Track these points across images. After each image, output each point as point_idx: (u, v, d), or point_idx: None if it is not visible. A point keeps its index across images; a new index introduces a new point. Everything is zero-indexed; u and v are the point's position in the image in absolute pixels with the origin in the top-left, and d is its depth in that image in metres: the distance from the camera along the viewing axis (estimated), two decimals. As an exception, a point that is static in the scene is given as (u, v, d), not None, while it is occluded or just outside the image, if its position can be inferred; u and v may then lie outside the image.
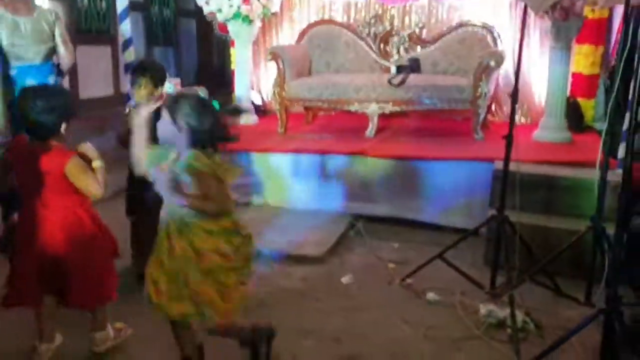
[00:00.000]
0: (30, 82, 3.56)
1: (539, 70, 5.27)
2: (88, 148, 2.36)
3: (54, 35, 3.86)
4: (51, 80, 3.86)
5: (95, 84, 6.13)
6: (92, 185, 2.32)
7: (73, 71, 6.03)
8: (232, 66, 6.04)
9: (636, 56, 2.20)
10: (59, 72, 4.04)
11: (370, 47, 5.66)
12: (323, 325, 2.85)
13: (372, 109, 4.89)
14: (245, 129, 5.38)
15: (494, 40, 5.24)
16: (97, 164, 2.34)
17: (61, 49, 3.91)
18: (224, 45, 6.31)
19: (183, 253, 2.13)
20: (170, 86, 4.72)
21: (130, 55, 4.75)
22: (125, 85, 4.90)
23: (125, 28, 4.73)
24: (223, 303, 2.17)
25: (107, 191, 2.38)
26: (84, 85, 5.92)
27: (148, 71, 3.12)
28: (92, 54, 6.04)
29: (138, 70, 3.14)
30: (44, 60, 3.85)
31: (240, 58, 5.70)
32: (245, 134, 4.01)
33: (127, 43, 4.74)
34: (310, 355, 2.60)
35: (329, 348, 2.67)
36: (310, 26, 5.83)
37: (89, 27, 6.27)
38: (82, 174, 2.31)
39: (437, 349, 2.66)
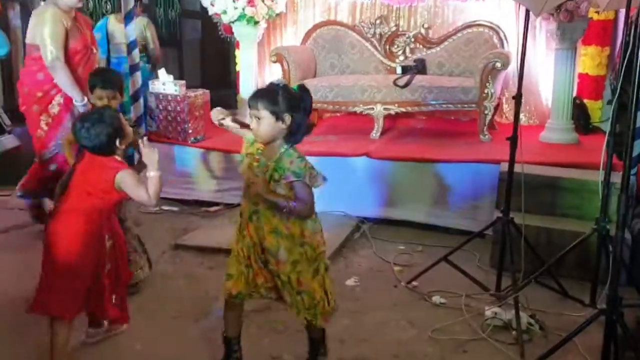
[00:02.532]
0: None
1: (545, 71, 5.25)
2: (149, 155, 2.38)
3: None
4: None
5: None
6: (142, 197, 2.35)
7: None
8: (237, 67, 6.05)
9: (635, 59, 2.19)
10: (149, 61, 5.90)
11: (376, 48, 5.66)
12: (328, 327, 2.81)
13: (378, 110, 4.89)
14: (249, 132, 5.39)
15: (501, 41, 5.22)
16: (150, 174, 2.37)
17: (150, 45, 5.92)
18: (228, 46, 6.31)
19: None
20: (177, 88, 4.74)
21: (135, 58, 4.77)
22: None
23: (131, 30, 4.75)
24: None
25: (158, 201, 2.47)
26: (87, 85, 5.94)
27: (113, 84, 3.17)
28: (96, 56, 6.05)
29: (107, 82, 3.16)
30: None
31: (245, 59, 5.70)
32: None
33: (132, 45, 4.75)
34: (315, 356, 2.61)
35: (334, 349, 2.66)
36: (316, 27, 5.83)
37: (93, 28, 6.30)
38: (134, 184, 2.35)
39: (443, 351, 2.66)
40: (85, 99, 3.63)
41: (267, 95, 2.15)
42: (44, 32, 3.64)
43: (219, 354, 2.47)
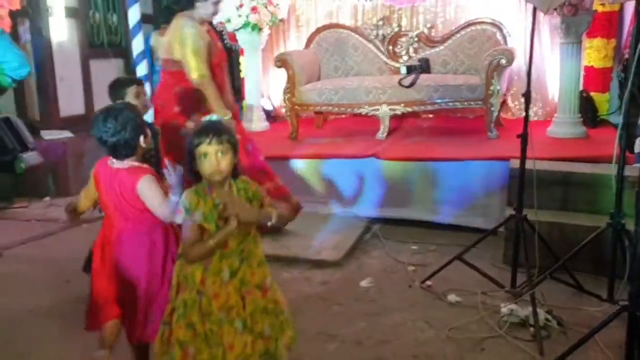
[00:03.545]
0: None
1: (551, 65, 5.26)
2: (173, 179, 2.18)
3: None
4: None
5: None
6: (158, 210, 2.23)
7: (87, 86, 6.10)
8: (242, 74, 6.08)
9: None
10: None
11: (379, 49, 5.68)
12: (345, 329, 2.86)
13: (383, 111, 4.90)
14: (256, 136, 5.42)
15: (504, 37, 5.24)
16: (172, 198, 2.15)
17: None
18: (233, 54, 6.34)
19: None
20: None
21: (143, 68, 4.81)
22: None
23: (138, 41, 4.78)
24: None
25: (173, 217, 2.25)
26: (98, 99, 5.97)
27: (134, 81, 3.17)
28: (106, 68, 6.10)
29: (123, 82, 3.15)
30: None
31: (250, 66, 5.74)
32: (257, 140, 4.07)
33: (140, 56, 4.79)
34: (333, 359, 2.61)
35: (352, 352, 2.68)
36: (318, 31, 5.86)
37: (102, 41, 6.34)
38: (151, 195, 2.23)
39: (460, 350, 2.66)
40: (230, 113, 3.60)
41: (227, 129, 2.06)
42: (187, 50, 3.51)
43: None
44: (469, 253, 3.33)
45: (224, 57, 3.81)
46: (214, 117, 2.13)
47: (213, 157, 1.97)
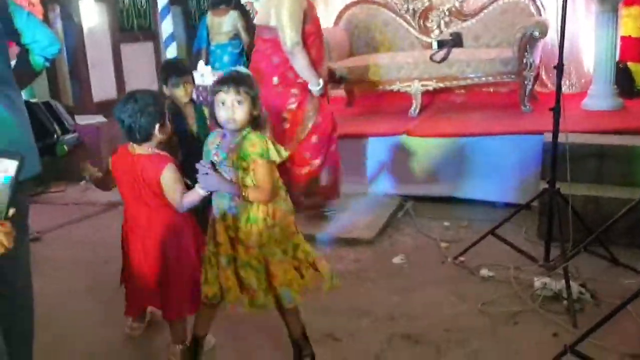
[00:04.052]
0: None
1: (586, 36, 5.13)
2: (207, 179, 2.19)
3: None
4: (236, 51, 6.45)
5: (140, 81, 6.26)
6: (175, 201, 2.29)
7: (118, 70, 6.19)
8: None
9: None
10: (242, 52, 6.48)
11: (410, 24, 5.60)
12: (378, 305, 2.89)
13: (415, 87, 4.86)
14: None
15: (537, 9, 5.12)
16: (200, 191, 2.19)
17: (242, 35, 6.42)
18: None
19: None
20: (215, 79, 4.80)
21: (173, 51, 4.85)
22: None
23: (167, 24, 4.83)
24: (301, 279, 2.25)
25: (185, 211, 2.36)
26: (129, 83, 6.07)
27: (186, 70, 3.19)
28: (136, 52, 6.19)
29: (179, 72, 3.17)
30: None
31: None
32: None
33: (170, 39, 4.84)
34: (367, 333, 2.64)
35: (385, 326, 2.70)
36: (347, 7, 5.80)
37: (131, 25, 6.42)
38: (173, 185, 2.29)
39: (493, 324, 2.67)
40: (322, 81, 3.58)
41: (246, 80, 2.13)
42: (283, 16, 3.42)
43: (268, 330, 2.54)
44: (502, 228, 3.31)
45: (319, 25, 3.72)
46: (240, 67, 2.21)
47: (229, 106, 2.09)
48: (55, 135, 2.59)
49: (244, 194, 2.10)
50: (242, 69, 2.26)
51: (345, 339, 2.62)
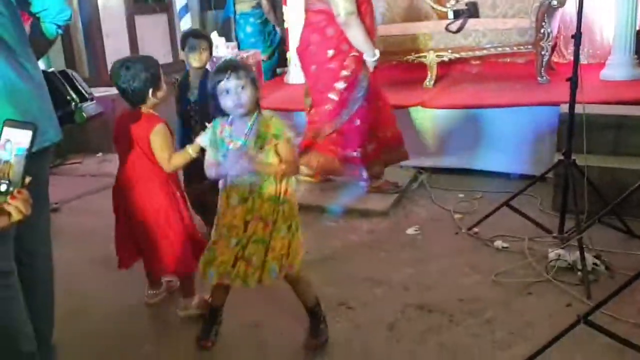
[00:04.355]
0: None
1: (605, 5, 5.03)
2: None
3: None
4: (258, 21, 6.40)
5: (155, 52, 6.27)
6: (163, 160, 2.45)
7: (132, 41, 6.19)
8: (285, 25, 6.05)
9: None
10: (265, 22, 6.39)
11: (425, -6, 5.54)
12: (392, 275, 2.91)
13: (431, 57, 4.82)
14: (299, 88, 5.42)
15: (556, -23, 5.02)
16: (190, 151, 2.39)
17: (263, 2, 6.33)
18: (276, 5, 6.31)
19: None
20: (229, 50, 4.80)
21: (187, 22, 4.84)
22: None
23: (181, -5, 4.81)
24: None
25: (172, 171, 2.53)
26: (144, 54, 6.08)
27: (205, 37, 3.22)
28: (150, 23, 6.18)
29: (197, 35, 3.22)
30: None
31: (293, 15, 5.68)
32: (302, 92, 4.07)
33: (184, 10, 4.82)
34: (381, 302, 2.68)
35: (399, 296, 2.73)
36: (363, -23, 5.73)
37: (145, -4, 6.42)
38: (161, 145, 2.43)
39: (507, 294, 2.68)
40: (377, 52, 3.50)
41: (243, 65, 2.22)
42: None
43: (280, 300, 2.59)
44: (517, 200, 3.30)
45: None
46: (229, 56, 2.25)
47: (233, 92, 2.13)
48: (73, 104, 2.61)
49: (279, 170, 2.18)
50: (231, 57, 2.31)
51: (359, 307, 2.66)
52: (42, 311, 2.14)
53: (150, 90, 2.44)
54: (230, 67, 2.15)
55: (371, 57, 3.48)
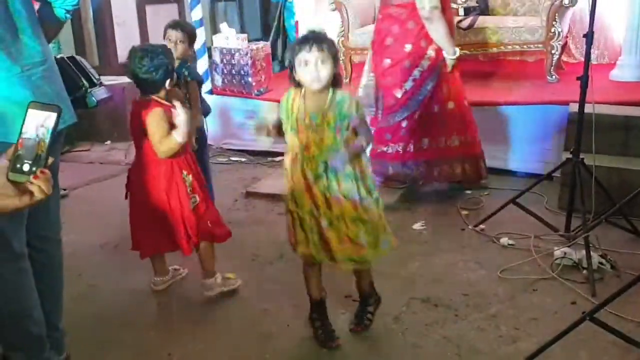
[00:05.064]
0: None
1: (617, 6, 5.02)
2: (180, 114, 2.42)
3: None
4: None
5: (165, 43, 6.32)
6: (155, 144, 2.48)
7: (143, 31, 6.19)
8: (296, 17, 6.05)
9: None
10: None
11: (436, -9, 5.52)
12: (398, 269, 2.93)
13: (440, 53, 4.80)
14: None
15: (568, -24, 5.02)
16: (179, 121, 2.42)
17: None
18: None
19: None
20: (239, 42, 4.80)
21: (198, 13, 4.85)
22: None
23: (192, -15, 4.81)
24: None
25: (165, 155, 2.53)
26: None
27: (184, 29, 3.25)
28: (161, 13, 6.16)
29: (174, 27, 3.24)
30: None
31: (304, 9, 5.69)
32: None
33: (195, 0, 4.83)
34: (387, 295, 2.67)
35: (405, 289, 2.75)
36: (374, -27, 5.73)
37: (156, -14, 6.40)
38: (154, 126, 2.46)
39: (512, 290, 2.70)
40: (457, 50, 3.47)
41: (327, 38, 2.12)
42: None
43: (293, 292, 2.62)
44: (524, 197, 3.32)
45: None
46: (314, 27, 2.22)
47: (312, 65, 2.06)
48: (83, 88, 2.65)
49: (364, 144, 2.19)
50: (318, 28, 2.26)
51: (365, 300, 2.67)
52: (52, 296, 2.17)
53: (167, 81, 2.49)
54: (315, 38, 2.08)
55: (451, 54, 3.44)
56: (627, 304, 2.40)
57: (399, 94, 3.58)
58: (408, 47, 3.47)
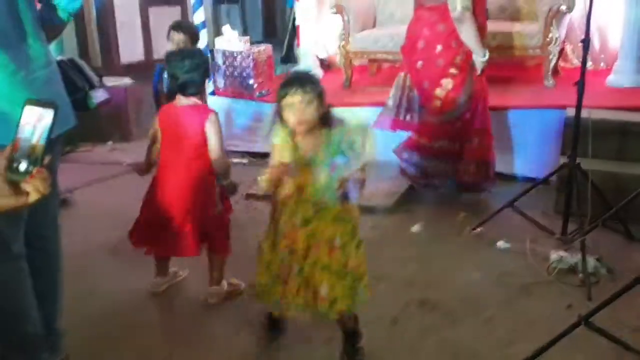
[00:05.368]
0: None
1: (614, 12, 5.06)
2: None
3: None
4: None
5: (167, 44, 6.34)
6: (217, 147, 2.55)
7: (146, 33, 6.23)
8: (297, 21, 6.08)
9: None
10: None
11: (436, -5, 5.55)
12: (396, 271, 2.96)
13: (439, 58, 4.84)
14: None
15: (565, -18, 5.05)
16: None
17: None
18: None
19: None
20: (241, 44, 4.83)
21: (200, 15, 4.88)
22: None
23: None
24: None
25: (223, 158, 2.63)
26: (157, 46, 6.11)
27: (186, 30, 3.27)
28: (164, 15, 6.20)
29: (177, 28, 3.28)
30: None
31: (305, 12, 5.72)
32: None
33: (198, 3, 4.86)
34: (384, 298, 2.72)
35: (403, 292, 2.78)
36: (375, -23, 5.76)
37: (159, -12, 6.44)
38: (216, 133, 2.54)
39: (508, 294, 2.73)
40: (487, 52, 3.45)
41: (311, 79, 2.11)
42: None
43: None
44: (520, 201, 3.35)
45: None
46: (300, 67, 2.21)
47: (296, 108, 2.03)
48: (84, 90, 2.69)
49: (361, 179, 2.09)
50: (302, 68, 2.26)
51: (363, 302, 2.70)
52: (50, 296, 2.18)
53: (206, 82, 2.59)
54: (298, 80, 2.07)
55: (481, 56, 3.42)
56: (622, 308, 2.42)
57: (440, 92, 3.54)
58: (439, 48, 3.48)
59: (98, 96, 4.51)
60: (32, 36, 1.93)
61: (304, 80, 2.07)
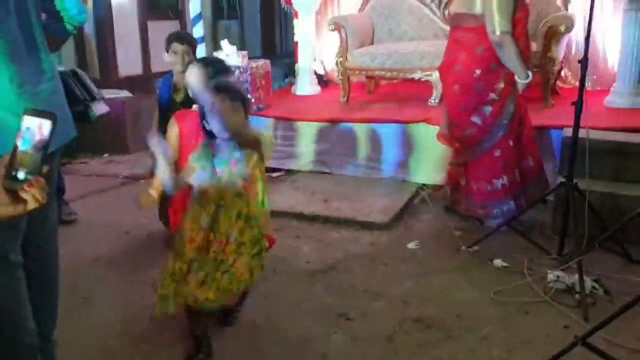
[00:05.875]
0: None
1: (612, 34, 5.10)
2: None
3: None
4: None
5: (166, 56, 6.36)
6: None
7: (144, 46, 6.25)
8: (295, 37, 6.11)
9: None
10: None
11: (435, 13, 5.60)
12: (391, 288, 2.94)
13: (436, 76, 4.84)
14: (308, 99, 5.49)
15: (564, 3, 5.09)
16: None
17: None
18: (287, 17, 6.37)
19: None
20: (240, 59, 4.84)
21: (199, 30, 4.90)
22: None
23: (195, 3, 4.87)
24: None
25: None
26: (155, 60, 6.13)
27: (188, 42, 3.27)
28: (162, 30, 6.21)
29: (180, 39, 3.26)
30: None
31: (304, 29, 5.76)
32: (308, 104, 4.14)
33: (197, 18, 4.88)
34: (380, 315, 2.70)
35: (398, 309, 2.76)
36: (374, -6, 5.81)
37: (158, 2, 6.46)
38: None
39: (504, 313, 2.71)
40: (530, 74, 3.34)
41: (234, 88, 2.25)
42: (494, 1, 3.16)
43: (285, 306, 2.60)
44: (517, 221, 3.34)
45: (528, 11, 3.44)
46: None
47: (220, 115, 2.08)
48: (85, 102, 2.68)
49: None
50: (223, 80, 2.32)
51: (358, 319, 2.68)
52: (46, 307, 2.16)
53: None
54: (224, 88, 2.14)
55: (523, 78, 3.33)
56: (619, 329, 2.40)
57: (477, 119, 3.44)
58: (478, 72, 3.35)
59: (99, 108, 4.52)
60: (42, 49, 1.92)
61: (230, 89, 2.18)
